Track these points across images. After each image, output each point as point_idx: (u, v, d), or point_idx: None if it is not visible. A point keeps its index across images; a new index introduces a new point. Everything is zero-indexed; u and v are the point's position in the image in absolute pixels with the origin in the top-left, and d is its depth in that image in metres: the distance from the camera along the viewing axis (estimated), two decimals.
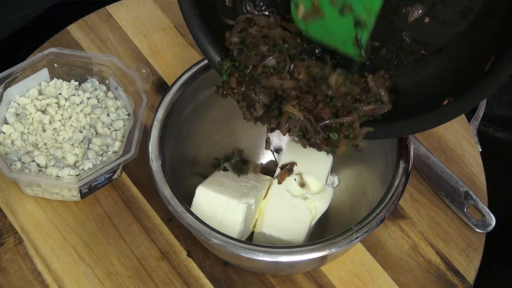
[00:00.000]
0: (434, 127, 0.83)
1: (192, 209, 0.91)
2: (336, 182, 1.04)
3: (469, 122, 1.11)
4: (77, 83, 1.07)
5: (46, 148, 1.00)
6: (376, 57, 0.86)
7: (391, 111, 0.84)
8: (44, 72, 1.05)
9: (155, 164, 0.89)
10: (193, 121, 0.98)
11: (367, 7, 0.80)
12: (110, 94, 1.06)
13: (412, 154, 0.90)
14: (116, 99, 1.06)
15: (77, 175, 0.97)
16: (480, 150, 1.09)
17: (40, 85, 1.05)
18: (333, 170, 1.02)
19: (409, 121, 0.83)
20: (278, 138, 1.06)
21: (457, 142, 1.09)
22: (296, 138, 0.87)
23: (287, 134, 0.87)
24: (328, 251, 0.83)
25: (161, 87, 1.12)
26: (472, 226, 1.00)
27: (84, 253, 0.97)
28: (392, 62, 0.85)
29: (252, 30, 0.87)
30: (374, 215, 0.86)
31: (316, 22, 0.84)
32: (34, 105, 1.03)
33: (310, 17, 0.84)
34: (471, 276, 0.97)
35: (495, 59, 0.76)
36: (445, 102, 0.80)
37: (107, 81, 1.06)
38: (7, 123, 1.02)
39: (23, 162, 0.97)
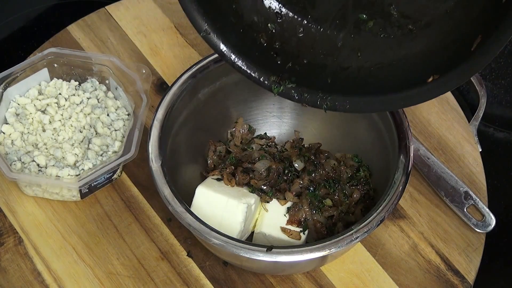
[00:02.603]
0: (418, 103, 0.83)
1: (192, 209, 0.91)
2: None
3: (469, 122, 1.11)
4: (77, 83, 1.07)
5: (46, 148, 1.00)
6: (363, 29, 0.85)
7: (376, 85, 0.85)
8: (44, 72, 1.05)
9: (155, 164, 0.89)
10: (193, 121, 0.98)
11: None
12: (110, 94, 1.06)
13: (412, 154, 0.90)
14: (116, 99, 1.06)
15: (77, 175, 0.97)
16: (480, 150, 1.09)
17: (40, 85, 1.05)
18: None
19: (393, 96, 0.83)
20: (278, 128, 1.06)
21: (457, 142, 1.09)
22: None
23: None
24: (328, 251, 0.83)
25: (161, 87, 1.12)
26: (472, 226, 1.00)
27: (84, 253, 0.97)
28: (379, 36, 0.85)
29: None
30: (374, 215, 0.86)
31: None
32: (34, 105, 1.03)
33: None
34: (471, 276, 0.97)
35: (482, 38, 0.76)
36: (430, 79, 0.80)
37: (107, 81, 1.06)
38: (7, 123, 1.02)
39: (23, 162, 0.97)
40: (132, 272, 0.96)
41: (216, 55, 0.97)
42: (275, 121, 1.05)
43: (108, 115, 1.04)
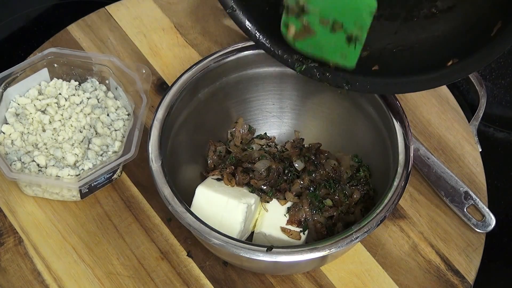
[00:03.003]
0: (436, 86, 0.85)
1: (192, 209, 0.91)
2: None
3: (469, 122, 1.11)
4: (77, 83, 1.07)
5: (46, 148, 1.00)
6: (387, 10, 0.86)
7: (397, 67, 0.85)
8: (44, 72, 1.05)
9: (155, 164, 0.89)
10: (193, 121, 0.98)
11: (358, 24, 0.80)
12: (110, 94, 1.06)
13: (412, 154, 0.90)
14: (116, 99, 1.05)
15: (77, 175, 0.97)
16: (480, 150, 1.09)
17: (40, 85, 1.05)
18: None
19: (413, 78, 0.84)
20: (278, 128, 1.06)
21: (457, 142, 1.09)
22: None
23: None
24: (328, 251, 0.83)
25: (161, 87, 1.12)
26: (472, 226, 1.00)
27: (84, 253, 0.97)
28: (401, 17, 0.85)
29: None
30: (374, 215, 0.86)
31: (307, 39, 0.85)
32: (34, 105, 1.03)
33: (301, 36, 0.85)
34: (471, 276, 0.97)
35: (502, 24, 0.76)
36: (450, 63, 0.81)
37: (107, 81, 1.06)
38: (7, 123, 1.02)
39: (23, 162, 0.97)
40: (132, 272, 0.96)
41: (216, 55, 0.97)
42: (275, 121, 1.05)
43: (108, 115, 1.04)
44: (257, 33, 0.89)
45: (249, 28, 0.89)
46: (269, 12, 0.89)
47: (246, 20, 0.88)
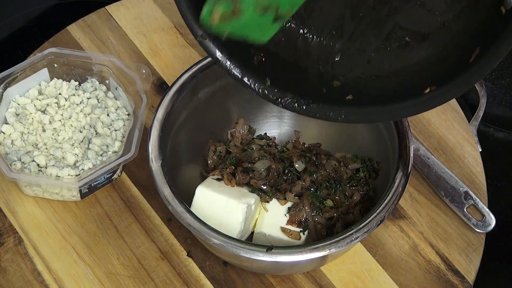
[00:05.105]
0: (414, 114, 0.82)
1: (192, 209, 0.91)
2: None
3: (469, 122, 1.11)
4: (77, 83, 1.07)
5: (46, 148, 1.00)
6: (360, 41, 0.85)
7: (372, 96, 0.84)
8: (44, 72, 1.05)
9: (155, 164, 0.89)
10: (193, 121, 0.98)
11: (292, 4, 0.77)
12: (110, 94, 1.06)
13: (412, 154, 0.90)
14: (116, 99, 1.06)
15: (77, 175, 0.97)
16: (480, 150, 1.09)
17: (40, 85, 1.05)
18: None
19: (389, 107, 0.82)
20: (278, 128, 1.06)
21: (457, 142, 1.09)
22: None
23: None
24: (328, 251, 0.83)
25: (161, 87, 1.12)
26: (472, 226, 1.00)
27: (84, 253, 0.97)
28: (374, 47, 0.84)
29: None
30: (374, 215, 0.86)
31: (230, 22, 0.81)
32: (34, 105, 1.03)
33: (226, 19, 0.80)
34: (471, 276, 0.97)
35: (480, 50, 0.75)
36: (427, 90, 0.79)
37: (107, 81, 1.06)
38: (7, 123, 1.02)
39: (23, 162, 0.97)
40: (132, 272, 0.96)
41: None
42: (275, 121, 1.05)
43: (108, 115, 1.04)
44: (228, 62, 0.87)
45: (220, 58, 0.87)
46: (240, 43, 0.87)
47: (217, 50, 0.86)
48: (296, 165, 0.97)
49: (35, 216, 1.00)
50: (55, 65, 1.05)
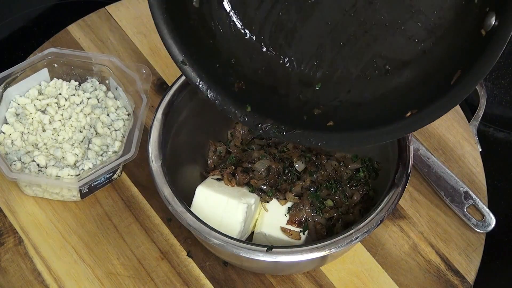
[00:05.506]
0: (396, 138, 0.83)
1: (192, 209, 0.91)
2: None
3: (469, 122, 1.11)
4: (77, 83, 1.07)
5: (46, 148, 1.00)
6: (340, 70, 0.85)
7: (354, 122, 0.84)
8: (44, 72, 1.05)
9: (155, 164, 0.89)
10: (193, 121, 0.98)
11: None
12: (110, 94, 1.06)
13: (412, 154, 0.90)
14: (116, 99, 1.06)
15: (77, 175, 0.97)
16: (480, 150, 1.09)
17: (40, 85, 1.05)
18: None
19: (370, 131, 0.82)
20: None
21: (457, 142, 1.09)
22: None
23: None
24: (328, 251, 0.83)
25: (161, 87, 1.12)
26: (472, 226, 1.00)
27: (84, 253, 0.97)
28: (355, 75, 0.84)
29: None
30: (374, 215, 0.86)
31: None
32: (34, 105, 1.03)
33: None
34: (471, 276, 0.97)
35: (462, 73, 0.75)
36: (409, 114, 0.79)
37: (107, 81, 1.06)
38: (7, 123, 1.02)
39: (23, 162, 0.97)
40: (132, 272, 0.96)
41: None
42: None
43: (108, 115, 1.04)
44: (209, 90, 0.87)
45: (200, 85, 0.87)
46: (220, 70, 0.87)
47: (197, 77, 0.87)
48: (296, 165, 0.97)
49: (35, 216, 1.00)
50: (55, 65, 1.05)
